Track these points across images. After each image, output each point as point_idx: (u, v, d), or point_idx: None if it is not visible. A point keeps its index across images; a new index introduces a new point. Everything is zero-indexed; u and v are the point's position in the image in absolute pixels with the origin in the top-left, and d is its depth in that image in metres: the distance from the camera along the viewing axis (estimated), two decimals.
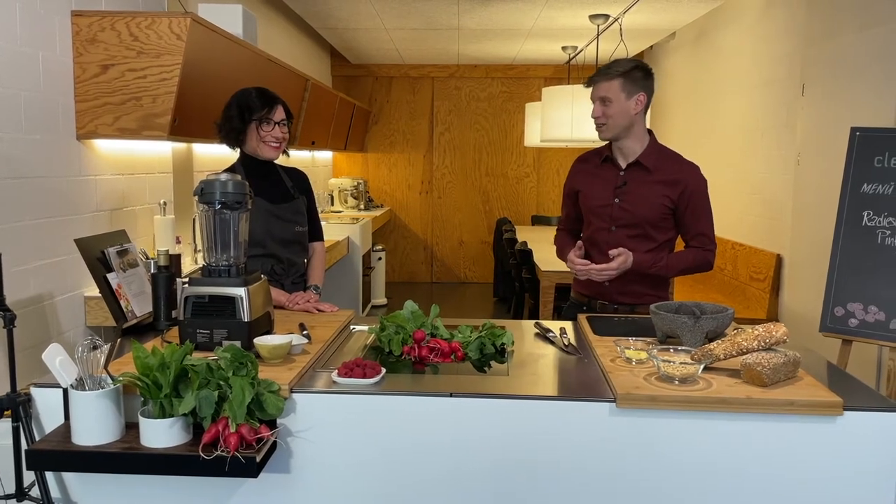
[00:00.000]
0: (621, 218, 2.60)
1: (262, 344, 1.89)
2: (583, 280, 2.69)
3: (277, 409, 1.68)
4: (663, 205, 2.55)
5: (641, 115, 2.57)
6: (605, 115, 2.55)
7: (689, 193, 2.54)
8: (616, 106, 2.53)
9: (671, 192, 2.54)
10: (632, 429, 1.70)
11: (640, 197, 2.57)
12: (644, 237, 2.59)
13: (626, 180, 2.60)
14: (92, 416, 1.65)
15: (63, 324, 2.97)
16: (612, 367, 1.88)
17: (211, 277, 2.03)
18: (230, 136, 2.60)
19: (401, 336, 2.12)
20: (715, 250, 2.61)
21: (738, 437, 1.69)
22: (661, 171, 2.57)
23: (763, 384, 1.71)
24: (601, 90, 2.54)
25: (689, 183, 2.55)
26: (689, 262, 2.60)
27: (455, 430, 1.74)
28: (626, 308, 2.65)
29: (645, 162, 2.58)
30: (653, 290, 2.64)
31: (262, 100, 2.58)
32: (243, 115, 2.57)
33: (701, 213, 2.57)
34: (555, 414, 1.72)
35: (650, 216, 2.56)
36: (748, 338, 1.78)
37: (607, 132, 2.58)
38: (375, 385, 1.79)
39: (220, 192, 2.02)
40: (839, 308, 3.25)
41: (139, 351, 1.67)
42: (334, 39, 7.22)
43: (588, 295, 2.74)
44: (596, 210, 2.66)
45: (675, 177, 2.55)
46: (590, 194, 2.69)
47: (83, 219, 3.07)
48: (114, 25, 2.97)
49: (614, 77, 2.52)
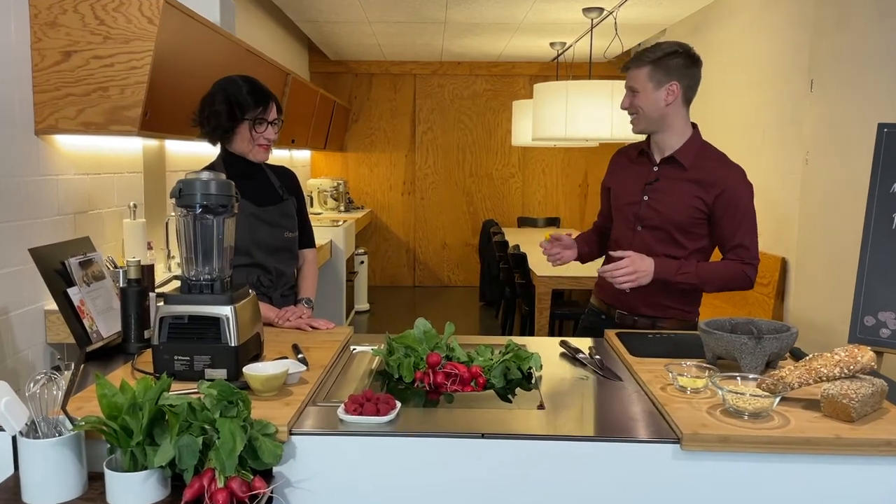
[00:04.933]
0: (648, 218, 2.34)
1: (254, 375, 1.59)
2: (604, 285, 2.42)
3: (275, 458, 1.39)
4: (695, 207, 2.27)
5: (678, 107, 2.29)
6: (632, 105, 2.33)
7: (727, 199, 2.25)
8: (643, 97, 2.29)
9: (705, 195, 2.26)
10: (700, 474, 1.43)
11: (670, 196, 2.31)
12: (671, 242, 2.32)
13: (659, 176, 2.35)
14: (47, 469, 1.34)
15: (20, 342, 2.64)
16: (666, 398, 1.61)
17: (191, 294, 1.73)
18: (215, 133, 2.29)
19: (412, 360, 1.84)
20: (756, 266, 2.29)
21: (826, 483, 1.43)
22: (698, 169, 2.30)
23: (850, 419, 1.46)
24: (630, 79, 2.32)
25: (727, 186, 2.25)
26: (724, 274, 2.28)
27: (488, 478, 1.46)
28: (647, 321, 2.37)
29: (680, 158, 2.31)
30: (681, 304, 2.37)
31: (255, 97, 2.27)
32: (233, 113, 2.26)
33: (741, 222, 2.26)
34: (608, 458, 1.45)
35: (679, 218, 2.29)
36: (828, 364, 1.52)
37: (637, 125, 2.36)
38: (390, 424, 1.51)
39: (202, 193, 1.72)
40: (869, 317, 3.01)
41: (105, 387, 1.37)
42: (313, 33, 6.90)
43: (607, 303, 2.48)
44: (623, 207, 2.43)
45: (711, 178, 2.27)
46: (620, 189, 2.46)
47: (43, 223, 2.75)
48: (77, 7, 2.65)
49: (643, 65, 2.27)
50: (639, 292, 2.31)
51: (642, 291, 2.30)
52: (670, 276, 2.24)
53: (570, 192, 8.59)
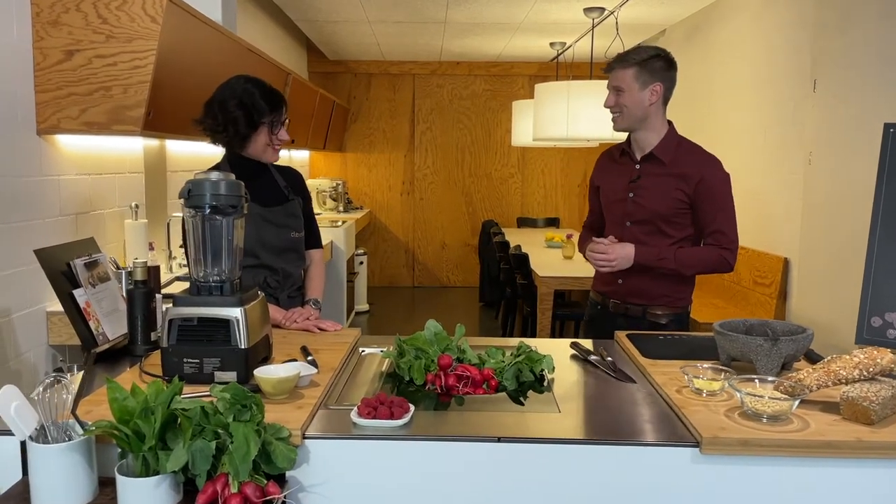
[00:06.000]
0: (635, 213, 2.46)
1: (266, 377, 1.57)
2: (599, 277, 2.58)
3: (289, 462, 1.37)
4: (677, 199, 2.39)
5: (658, 107, 2.42)
6: (617, 104, 2.43)
7: (706, 187, 2.37)
8: (628, 96, 2.40)
9: (685, 186, 2.38)
10: (719, 479, 1.42)
11: (654, 191, 2.43)
12: (658, 233, 2.44)
13: (641, 174, 2.47)
14: (58, 474, 1.32)
15: (22, 343, 2.61)
16: (683, 401, 1.59)
17: (200, 296, 1.70)
18: (234, 139, 2.26)
19: (422, 362, 1.82)
20: (735, 250, 2.40)
21: (847, 486, 1.41)
22: (677, 163, 2.42)
23: (870, 422, 1.44)
24: (615, 79, 2.42)
25: (704, 176, 2.37)
26: (704, 259, 2.40)
27: (504, 482, 1.44)
28: (639, 309, 2.48)
29: (659, 154, 2.43)
30: (669, 291, 2.47)
31: (268, 100, 2.26)
32: (251, 119, 2.23)
33: (719, 208, 2.38)
34: (627, 462, 1.43)
35: (663, 211, 2.41)
36: (846, 366, 1.50)
37: (620, 123, 2.46)
38: (404, 427, 1.49)
39: (211, 193, 1.70)
40: (876, 318, 2.99)
41: (116, 391, 1.34)
42: (312, 33, 6.87)
43: (602, 293, 2.60)
44: (612, 205, 2.55)
45: (690, 170, 2.39)
46: (607, 189, 2.58)
47: (44, 224, 2.72)
48: (79, 6, 2.63)
49: (629, 66, 2.39)
50: (626, 282, 2.45)
51: (630, 280, 2.45)
52: (650, 261, 2.38)
53: (570, 193, 8.58)
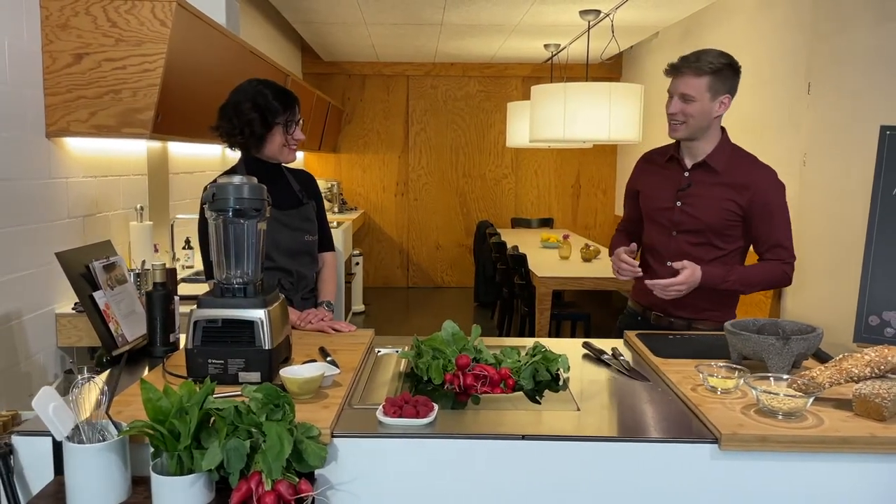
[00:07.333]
0: (683, 223, 2.35)
1: (292, 378, 1.59)
2: (642, 288, 2.41)
3: (319, 460, 1.40)
4: (729, 210, 2.29)
5: (721, 117, 2.33)
6: (683, 113, 2.28)
7: (761, 200, 2.27)
8: (698, 106, 2.26)
9: (739, 198, 2.28)
10: (738, 474, 1.46)
11: (705, 200, 2.32)
12: (708, 245, 2.34)
13: (691, 182, 2.35)
14: (94, 474, 1.35)
15: (32, 345, 2.62)
16: (699, 399, 1.63)
17: (224, 298, 1.73)
18: (250, 141, 2.28)
19: (440, 362, 1.85)
20: (793, 263, 2.32)
21: (861, 480, 1.45)
22: (730, 173, 2.31)
23: (882, 418, 1.49)
24: (685, 85, 2.26)
25: (759, 188, 2.27)
26: (766, 276, 2.31)
27: (528, 480, 1.48)
28: (683, 323, 2.39)
29: (712, 162, 2.33)
30: (718, 307, 2.37)
31: (281, 101, 2.27)
32: (266, 120, 2.26)
33: (776, 222, 2.29)
34: (647, 458, 1.47)
35: (715, 222, 2.31)
36: (858, 364, 1.55)
37: (683, 132, 2.32)
38: (430, 426, 1.52)
39: (235, 197, 1.72)
40: (874, 317, 3.05)
41: (150, 391, 1.37)
42: (308, 34, 6.89)
43: (643, 304, 2.50)
44: (656, 213, 2.43)
45: (744, 180, 2.28)
46: (651, 195, 2.46)
47: (54, 227, 2.73)
48: (88, 9, 2.65)
49: (703, 74, 2.24)
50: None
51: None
52: (716, 285, 2.26)
53: (563, 193, 8.63)
